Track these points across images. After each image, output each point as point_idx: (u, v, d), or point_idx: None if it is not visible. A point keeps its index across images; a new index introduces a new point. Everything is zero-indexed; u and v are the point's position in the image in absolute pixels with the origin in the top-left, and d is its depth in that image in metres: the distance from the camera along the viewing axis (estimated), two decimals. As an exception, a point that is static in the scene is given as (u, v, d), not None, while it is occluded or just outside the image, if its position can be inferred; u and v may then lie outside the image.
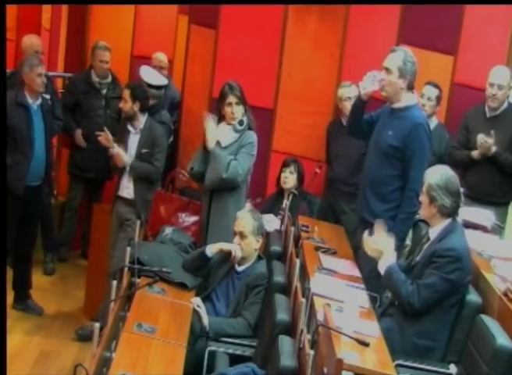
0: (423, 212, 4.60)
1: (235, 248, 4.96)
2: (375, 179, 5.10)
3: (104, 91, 7.07)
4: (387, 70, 4.99)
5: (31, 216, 6.27)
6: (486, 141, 5.85)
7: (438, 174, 4.49)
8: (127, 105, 5.94)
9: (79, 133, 7.03)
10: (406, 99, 5.06)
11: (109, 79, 7.09)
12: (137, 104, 5.94)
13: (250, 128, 5.56)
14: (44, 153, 6.19)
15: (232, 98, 5.48)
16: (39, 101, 6.17)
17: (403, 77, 4.97)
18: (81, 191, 7.23)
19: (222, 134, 5.49)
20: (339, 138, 6.20)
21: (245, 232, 4.97)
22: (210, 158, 5.45)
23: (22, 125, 6.04)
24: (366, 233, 4.71)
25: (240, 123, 5.53)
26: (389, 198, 5.06)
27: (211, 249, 5.02)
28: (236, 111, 5.50)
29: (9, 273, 6.32)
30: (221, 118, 5.57)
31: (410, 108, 5.05)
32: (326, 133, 6.46)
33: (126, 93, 5.95)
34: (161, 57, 7.14)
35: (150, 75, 6.57)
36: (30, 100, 6.11)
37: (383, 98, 5.16)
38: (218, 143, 5.49)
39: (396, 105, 5.07)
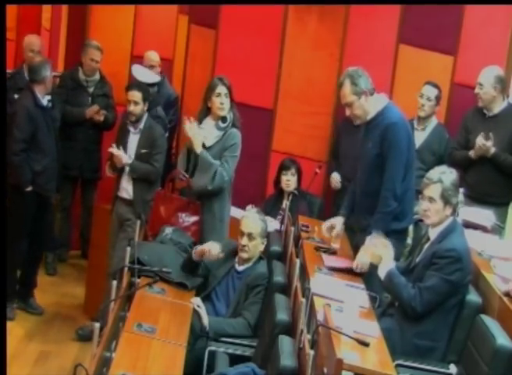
0: (433, 219, 4.49)
1: (210, 245, 4.94)
2: (367, 194, 5.02)
3: (91, 89, 7.01)
4: (347, 104, 4.94)
5: (42, 215, 6.33)
6: (485, 144, 5.84)
7: (447, 174, 4.48)
8: (139, 107, 5.89)
9: (91, 109, 6.92)
10: (373, 106, 4.95)
11: (97, 76, 7.03)
12: (146, 105, 5.95)
13: (234, 125, 5.55)
14: (55, 150, 6.28)
15: (221, 89, 5.48)
16: (46, 101, 6.22)
17: (363, 95, 4.89)
18: (71, 191, 7.20)
19: (206, 133, 5.50)
20: (348, 137, 6.17)
21: (254, 234, 4.97)
22: (198, 162, 5.47)
23: (43, 126, 6.13)
24: (368, 238, 4.70)
25: (224, 120, 5.52)
26: None
27: (195, 253, 5.01)
28: (225, 102, 5.49)
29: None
30: (207, 112, 5.57)
31: (381, 112, 4.94)
32: (337, 131, 6.45)
33: (138, 95, 5.86)
34: (152, 56, 7.12)
35: (142, 74, 6.59)
36: (43, 101, 6.16)
37: (361, 122, 5.07)
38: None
39: (370, 116, 4.97)
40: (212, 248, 4.93)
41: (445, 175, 4.47)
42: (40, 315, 6.39)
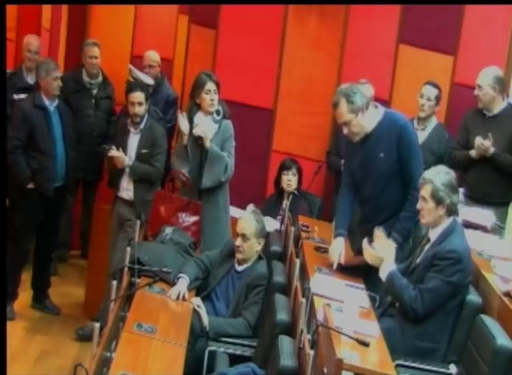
0: (427, 219, 4.49)
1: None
2: (381, 207, 4.96)
3: (94, 91, 6.95)
4: (345, 124, 4.86)
5: (53, 216, 6.33)
6: (483, 144, 5.85)
7: (440, 174, 4.47)
8: (143, 107, 5.90)
9: None
10: (371, 119, 4.88)
11: (100, 78, 6.97)
12: (148, 105, 5.95)
13: (225, 117, 5.65)
14: (64, 154, 6.24)
15: (211, 85, 5.55)
16: (55, 103, 6.21)
17: (360, 112, 4.81)
18: (74, 192, 7.18)
19: (205, 128, 5.56)
20: None
21: (247, 234, 4.97)
22: (207, 157, 5.52)
23: (42, 126, 6.11)
24: (365, 241, 4.69)
25: (217, 112, 5.62)
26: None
27: None
28: (215, 98, 5.57)
29: (29, 273, 6.42)
30: (196, 107, 5.62)
31: (384, 119, 4.89)
32: (337, 131, 6.44)
33: (142, 96, 5.86)
34: (152, 56, 7.09)
35: (142, 75, 6.61)
36: (47, 102, 6.16)
37: (359, 139, 4.94)
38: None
39: (369, 129, 4.89)
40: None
41: (437, 175, 4.45)
42: (58, 315, 6.41)
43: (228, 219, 5.75)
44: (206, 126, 5.58)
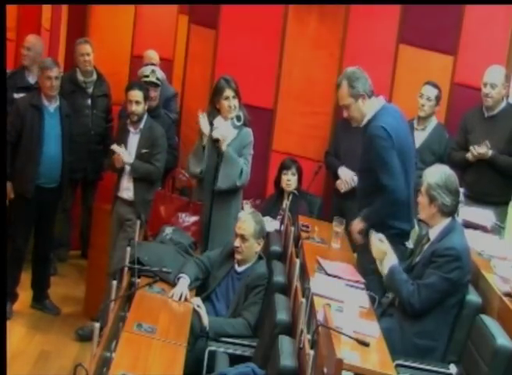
0: (422, 213, 4.57)
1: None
2: (359, 194, 5.08)
3: (90, 90, 6.94)
4: (344, 106, 4.90)
5: (48, 217, 6.32)
6: (480, 153, 5.87)
7: (437, 173, 4.50)
8: (141, 106, 5.89)
9: None
10: (370, 109, 4.87)
11: (94, 77, 6.96)
12: (147, 104, 5.95)
13: (245, 124, 5.64)
14: (59, 156, 6.20)
15: (229, 92, 5.55)
16: (56, 103, 6.19)
17: (360, 98, 4.82)
18: (72, 193, 7.18)
19: (224, 132, 5.54)
20: (348, 136, 6.14)
21: (246, 235, 4.97)
22: (222, 160, 5.50)
23: (34, 126, 6.08)
24: (373, 233, 4.70)
25: (238, 118, 5.61)
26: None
27: None
28: (234, 104, 5.57)
29: (28, 273, 6.43)
30: (215, 112, 5.61)
31: (371, 120, 4.85)
32: (335, 131, 6.45)
33: (139, 95, 5.86)
34: (152, 55, 7.11)
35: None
36: (45, 102, 6.14)
37: (357, 125, 4.98)
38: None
39: (368, 118, 4.89)
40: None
41: (434, 174, 4.50)
42: (58, 315, 6.41)
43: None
44: (225, 130, 5.55)
